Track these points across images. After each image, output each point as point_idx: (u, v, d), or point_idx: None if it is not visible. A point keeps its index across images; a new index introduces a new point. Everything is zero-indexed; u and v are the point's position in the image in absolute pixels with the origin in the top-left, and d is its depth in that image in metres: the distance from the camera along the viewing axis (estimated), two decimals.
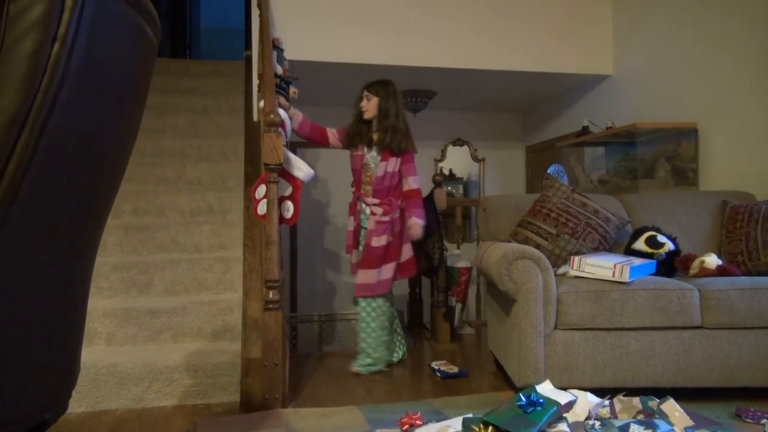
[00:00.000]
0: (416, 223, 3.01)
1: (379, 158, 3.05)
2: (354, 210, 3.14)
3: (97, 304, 2.77)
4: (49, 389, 1.01)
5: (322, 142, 3.20)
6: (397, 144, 3.00)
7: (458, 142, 6.16)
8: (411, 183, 3.08)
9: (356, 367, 3.01)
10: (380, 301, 3.01)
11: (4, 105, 0.71)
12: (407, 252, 3.10)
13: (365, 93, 3.09)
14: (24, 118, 0.72)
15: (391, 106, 3.03)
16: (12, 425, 0.89)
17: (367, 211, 3.05)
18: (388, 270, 3.01)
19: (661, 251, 2.64)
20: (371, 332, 3.01)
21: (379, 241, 2.99)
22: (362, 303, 3.02)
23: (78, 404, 2.38)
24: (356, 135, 3.12)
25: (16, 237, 0.79)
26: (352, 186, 3.17)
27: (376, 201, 3.03)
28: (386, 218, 3.00)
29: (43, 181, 0.80)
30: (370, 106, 3.07)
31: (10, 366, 0.85)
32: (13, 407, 0.87)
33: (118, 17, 0.89)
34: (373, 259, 2.99)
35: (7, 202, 0.74)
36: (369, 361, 3.01)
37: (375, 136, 3.07)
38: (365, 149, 3.09)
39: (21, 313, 0.86)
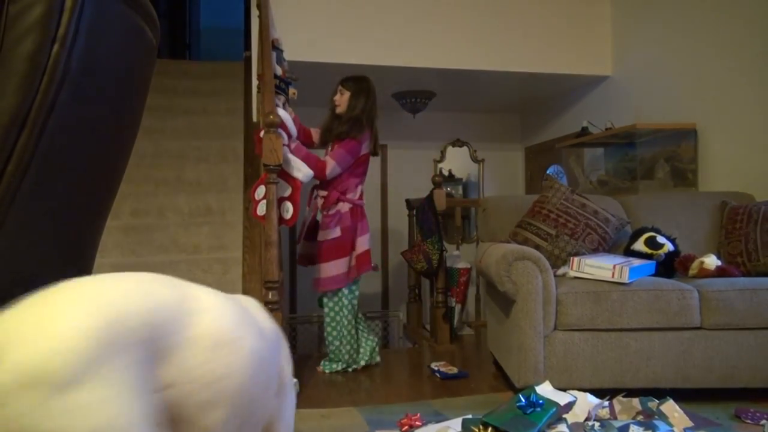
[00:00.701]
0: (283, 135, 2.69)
1: (329, 148, 3.07)
2: (309, 200, 3.14)
3: None
4: None
5: (307, 142, 3.19)
6: (345, 131, 2.97)
7: (457, 143, 6.16)
8: (326, 157, 2.99)
9: (322, 366, 3.03)
10: (345, 301, 3.00)
11: (3, 105, 0.71)
12: (361, 246, 3.04)
13: (339, 87, 3.10)
14: (24, 118, 0.72)
15: (359, 103, 3.02)
16: None
17: (320, 203, 3.05)
18: (339, 265, 2.96)
19: (661, 252, 2.64)
20: (340, 331, 3.00)
21: (326, 235, 2.98)
22: (330, 303, 3.01)
23: None
24: (327, 131, 3.12)
25: (16, 238, 0.79)
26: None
27: (324, 193, 3.03)
28: (332, 211, 2.98)
29: (43, 182, 0.80)
30: (342, 101, 3.07)
31: None
32: None
33: (118, 18, 0.90)
34: (322, 252, 2.98)
35: (6, 202, 0.74)
36: (335, 365, 3.02)
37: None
38: (330, 145, 3.11)
39: None
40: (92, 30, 0.80)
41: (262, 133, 2.51)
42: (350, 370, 3.02)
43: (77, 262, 1.07)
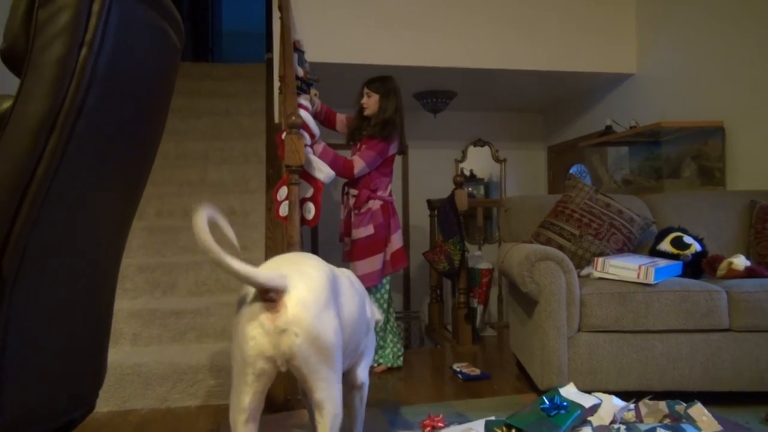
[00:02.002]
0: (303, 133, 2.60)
1: (357, 146, 3.09)
2: (342, 198, 3.17)
3: (122, 305, 2.81)
4: (78, 388, 1.03)
5: (331, 127, 3.24)
6: (378, 133, 2.99)
7: (479, 142, 6.13)
8: (354, 157, 3.01)
9: None
10: (378, 295, 3.01)
11: (33, 110, 0.73)
12: (396, 243, 3.05)
13: (365, 90, 3.12)
14: (53, 122, 0.73)
15: (390, 104, 3.04)
16: (42, 422, 0.90)
17: (351, 202, 3.07)
18: (374, 262, 2.97)
19: (688, 252, 2.59)
20: None
21: (359, 233, 3.00)
22: None
23: (104, 403, 2.42)
24: (356, 130, 3.14)
25: (46, 241, 0.80)
26: None
27: (355, 192, 3.04)
28: (363, 209, 3.00)
29: (72, 185, 0.81)
30: (370, 103, 3.08)
31: (42, 366, 0.87)
32: (43, 405, 0.89)
33: (143, 22, 0.91)
34: (356, 251, 3.00)
35: (37, 205, 0.75)
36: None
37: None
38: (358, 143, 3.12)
39: (50, 317, 0.88)
40: (119, 33, 0.81)
41: (284, 135, 2.52)
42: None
43: (104, 266, 1.08)
